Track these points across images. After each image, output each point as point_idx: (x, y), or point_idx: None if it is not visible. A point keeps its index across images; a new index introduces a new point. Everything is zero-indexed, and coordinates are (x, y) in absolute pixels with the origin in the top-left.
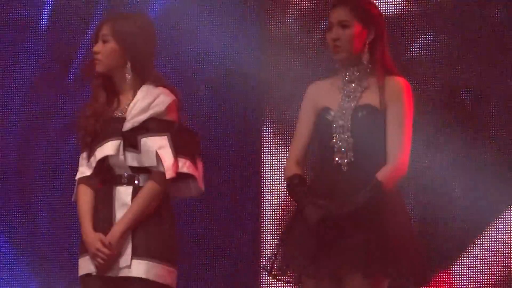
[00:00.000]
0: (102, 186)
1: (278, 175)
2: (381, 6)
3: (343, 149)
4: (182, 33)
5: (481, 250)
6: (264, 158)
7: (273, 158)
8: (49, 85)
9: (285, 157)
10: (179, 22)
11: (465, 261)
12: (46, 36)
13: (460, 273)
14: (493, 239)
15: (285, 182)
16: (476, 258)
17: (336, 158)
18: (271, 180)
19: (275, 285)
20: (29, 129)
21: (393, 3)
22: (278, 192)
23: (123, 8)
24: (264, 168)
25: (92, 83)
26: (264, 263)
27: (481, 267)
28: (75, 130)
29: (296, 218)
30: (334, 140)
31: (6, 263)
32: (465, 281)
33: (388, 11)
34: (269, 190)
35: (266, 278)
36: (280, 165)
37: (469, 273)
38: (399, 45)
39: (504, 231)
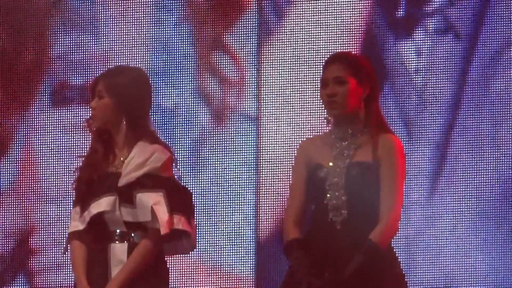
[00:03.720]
0: (96, 243)
1: (274, 236)
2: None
3: (337, 207)
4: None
5: None
6: (261, 214)
7: (270, 215)
8: None
9: (281, 214)
10: (173, 71)
11: None
12: None
13: None
14: None
15: (283, 246)
16: None
17: (330, 216)
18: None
19: None
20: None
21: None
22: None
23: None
24: (261, 226)
25: (91, 137)
26: None
27: None
28: (72, 183)
29: (291, 280)
30: (328, 197)
31: None
32: None
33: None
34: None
35: None
36: (276, 224)
37: None
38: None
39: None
